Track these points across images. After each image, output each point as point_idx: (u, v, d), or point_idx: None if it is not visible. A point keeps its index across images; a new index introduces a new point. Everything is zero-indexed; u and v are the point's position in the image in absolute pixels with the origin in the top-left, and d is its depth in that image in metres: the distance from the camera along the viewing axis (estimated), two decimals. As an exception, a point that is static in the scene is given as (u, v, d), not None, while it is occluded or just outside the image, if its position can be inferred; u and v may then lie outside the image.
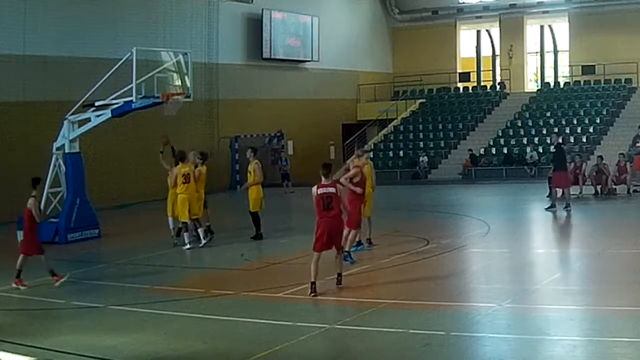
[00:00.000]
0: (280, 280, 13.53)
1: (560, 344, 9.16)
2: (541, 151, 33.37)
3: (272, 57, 36.06)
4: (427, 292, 12.28)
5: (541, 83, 42.13)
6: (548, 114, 37.09)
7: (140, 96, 19.01)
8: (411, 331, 9.94)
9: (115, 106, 19.34)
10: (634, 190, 25.32)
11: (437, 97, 41.76)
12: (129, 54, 19.02)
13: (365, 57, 41.91)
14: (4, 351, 9.58)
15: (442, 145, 37.30)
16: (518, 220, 21.65)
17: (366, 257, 15.11)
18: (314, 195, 12.32)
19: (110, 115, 19.51)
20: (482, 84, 42.66)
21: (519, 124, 37.13)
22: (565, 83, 40.35)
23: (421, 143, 37.75)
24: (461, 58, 43.67)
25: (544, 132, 35.20)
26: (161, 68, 20.17)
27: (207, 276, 14.82)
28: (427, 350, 9.20)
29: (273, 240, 18.24)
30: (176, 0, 30.85)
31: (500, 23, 41.45)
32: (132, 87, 18.81)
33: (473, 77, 42.82)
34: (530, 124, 36.84)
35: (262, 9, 35.25)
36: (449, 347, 9.34)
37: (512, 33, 41.11)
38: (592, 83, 38.71)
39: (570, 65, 40.12)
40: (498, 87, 41.39)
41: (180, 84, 20.53)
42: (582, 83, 39.15)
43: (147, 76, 19.23)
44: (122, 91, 19.22)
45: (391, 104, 40.71)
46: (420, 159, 35.33)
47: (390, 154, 37.15)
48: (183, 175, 17.49)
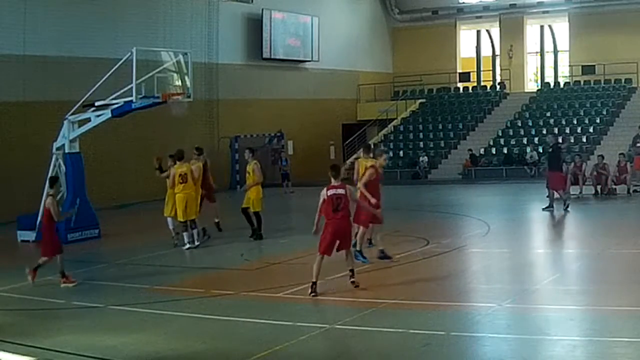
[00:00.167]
0: (280, 280, 13.53)
1: (560, 344, 9.16)
2: (541, 151, 33.35)
3: (272, 57, 36.07)
4: (427, 292, 12.28)
5: (541, 83, 42.12)
6: (548, 114, 37.11)
7: (140, 96, 19.00)
8: (411, 331, 9.94)
9: (115, 106, 19.33)
10: (634, 190, 25.34)
11: (437, 97, 41.76)
12: (129, 54, 19.01)
13: (365, 57, 41.90)
14: (4, 351, 9.57)
15: (442, 145, 37.32)
16: (518, 220, 21.66)
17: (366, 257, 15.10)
18: (323, 196, 12.08)
19: (110, 115, 19.50)
20: (482, 84, 42.65)
21: (519, 124, 37.15)
22: (565, 83, 40.36)
23: (421, 143, 37.79)
24: (461, 58, 43.68)
25: (544, 132, 35.16)
26: (161, 68, 20.16)
27: (207, 276, 14.81)
28: (427, 350, 9.20)
29: (273, 240, 18.24)
30: (176, 0, 30.86)
31: (500, 23, 41.45)
32: (132, 87, 18.80)
33: (473, 77, 42.82)
34: (530, 124, 36.86)
35: (262, 9, 35.25)
36: (449, 347, 9.34)
37: (512, 33, 41.11)
38: (592, 83, 38.72)
39: (570, 65, 40.13)
40: (498, 87, 41.39)
41: (180, 84, 20.53)
42: (582, 83, 39.15)
43: (147, 76, 19.23)
44: (122, 91, 19.22)
45: (391, 104, 40.71)
46: (420, 159, 35.36)
47: (390, 154, 37.10)
48: (180, 175, 17.48)
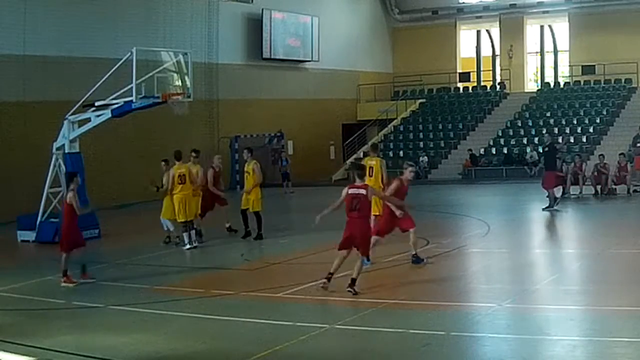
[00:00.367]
0: (280, 280, 13.53)
1: (560, 344, 9.16)
2: (541, 151, 33.33)
3: (272, 57, 36.07)
4: (427, 292, 12.28)
5: (541, 83, 42.12)
6: (548, 114, 37.11)
7: (140, 96, 19.00)
8: (411, 331, 9.94)
9: (115, 106, 19.32)
10: (634, 190, 25.34)
11: (437, 97, 41.76)
12: (129, 54, 19.01)
13: (365, 57, 41.90)
14: (4, 351, 9.57)
15: (442, 145, 37.32)
16: (518, 220, 21.66)
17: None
18: (343, 195, 12.13)
19: (110, 115, 19.49)
20: (482, 84, 42.65)
21: (519, 124, 37.15)
22: (565, 83, 40.36)
23: (421, 143, 37.79)
24: (461, 58, 43.67)
25: (544, 132, 35.07)
26: (161, 68, 20.16)
27: (207, 276, 14.80)
28: (427, 350, 9.20)
29: (273, 240, 18.24)
30: (176, 0, 30.86)
31: (500, 23, 41.45)
32: (132, 87, 18.80)
33: (473, 77, 42.81)
34: (530, 124, 36.87)
35: (262, 9, 35.25)
36: (449, 347, 9.34)
37: (512, 33, 41.11)
38: (592, 83, 38.73)
39: (570, 65, 40.13)
40: (498, 87, 41.39)
41: (180, 84, 20.52)
42: (582, 83, 39.16)
43: (147, 76, 19.22)
44: (122, 91, 19.21)
45: (391, 104, 40.71)
46: (420, 159, 35.34)
47: (391, 154, 37.13)
48: (179, 175, 17.48)
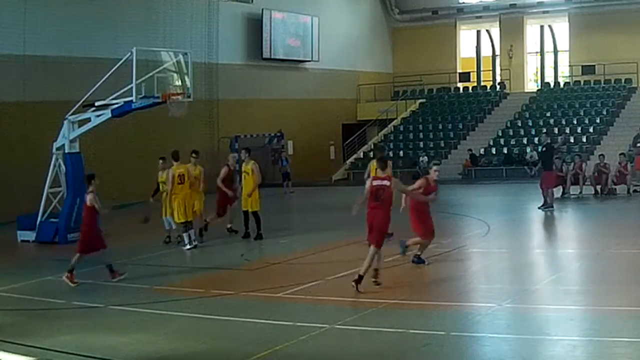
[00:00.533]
0: (280, 280, 13.52)
1: (560, 344, 9.16)
2: (539, 151, 33.38)
3: (272, 57, 36.07)
4: (427, 292, 12.29)
5: (541, 83, 42.12)
6: (548, 114, 37.11)
7: (140, 96, 19.00)
8: (411, 331, 9.93)
9: (115, 106, 19.32)
10: (634, 190, 25.34)
11: (437, 97, 41.76)
12: (129, 54, 19.01)
13: (365, 57, 41.90)
14: (4, 351, 9.57)
15: (442, 145, 37.32)
16: (518, 220, 21.66)
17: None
18: (367, 187, 12.32)
19: (110, 115, 19.50)
20: (482, 84, 42.65)
21: (519, 124, 37.15)
22: (565, 83, 40.36)
23: (421, 143, 37.79)
24: (461, 58, 43.67)
25: (544, 132, 35.13)
26: (161, 68, 20.16)
27: (207, 276, 14.80)
28: (427, 350, 9.20)
29: (273, 240, 18.24)
30: (176, 0, 30.86)
31: (500, 23, 41.45)
32: (132, 87, 18.80)
33: (473, 77, 42.82)
34: (530, 124, 36.86)
35: (262, 9, 35.25)
36: (449, 347, 9.33)
37: (512, 33, 41.11)
38: (592, 83, 38.72)
39: (570, 65, 40.13)
40: (498, 87, 41.39)
41: (180, 84, 20.53)
42: (582, 83, 39.15)
43: (147, 76, 19.23)
44: (122, 91, 19.21)
45: (391, 104, 40.71)
46: (420, 159, 35.31)
47: (390, 154, 37.11)
48: (179, 175, 17.48)
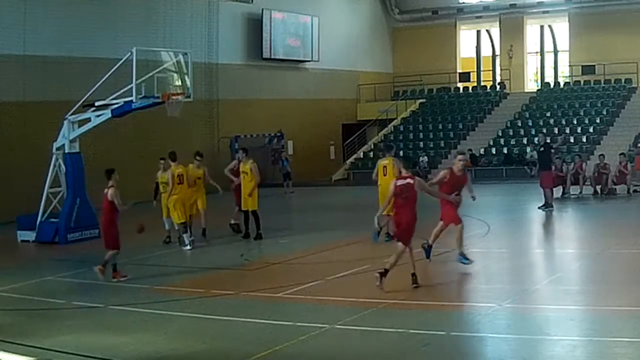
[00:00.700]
0: (280, 280, 13.52)
1: (560, 344, 9.16)
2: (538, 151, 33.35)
3: (272, 57, 36.07)
4: (427, 292, 12.27)
5: (541, 83, 42.11)
6: (548, 114, 37.10)
7: (140, 96, 19.00)
8: (411, 331, 9.93)
9: (115, 106, 19.32)
10: (634, 190, 25.33)
11: (437, 97, 41.75)
12: (129, 54, 19.01)
13: (365, 57, 41.90)
14: (4, 351, 9.57)
15: (442, 145, 37.31)
16: (518, 220, 21.66)
17: (366, 257, 15.09)
18: (392, 189, 12.45)
19: (110, 115, 19.50)
20: (482, 84, 42.64)
21: (519, 124, 37.14)
22: (565, 83, 40.35)
23: (421, 143, 37.78)
24: (461, 58, 43.66)
25: (544, 132, 35.10)
26: (161, 68, 20.16)
27: (207, 276, 14.79)
28: (427, 350, 9.19)
29: (273, 240, 18.24)
30: (176, 0, 30.86)
31: (500, 23, 41.44)
32: (132, 87, 18.80)
33: (473, 77, 42.80)
34: (530, 124, 36.85)
35: (262, 9, 35.25)
36: (449, 347, 9.33)
37: (512, 33, 41.10)
38: (592, 83, 38.71)
39: (570, 65, 40.12)
40: (498, 87, 41.38)
41: (180, 84, 20.53)
42: (582, 83, 39.14)
43: (147, 76, 19.22)
44: (122, 91, 19.21)
45: (391, 104, 40.70)
46: (420, 159, 35.30)
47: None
48: (178, 175, 17.48)
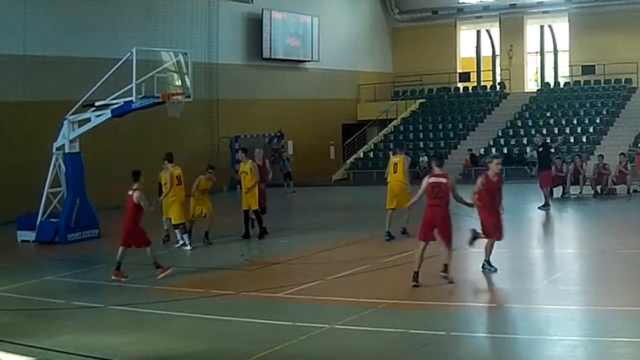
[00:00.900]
0: (280, 280, 13.53)
1: (560, 344, 9.16)
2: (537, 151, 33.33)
3: (272, 57, 36.04)
4: (427, 292, 12.27)
5: (541, 83, 42.08)
6: (548, 114, 37.10)
7: (140, 96, 18.98)
8: (411, 331, 9.94)
9: (115, 106, 19.31)
10: (634, 190, 25.33)
11: (437, 97, 41.74)
12: (129, 54, 19.00)
13: (365, 57, 41.88)
14: (4, 351, 9.57)
15: (442, 145, 37.29)
16: (518, 220, 21.56)
17: (366, 257, 15.10)
18: (424, 185, 12.72)
19: (110, 115, 19.49)
20: (482, 84, 42.60)
21: (519, 124, 37.14)
22: (565, 83, 40.33)
23: (421, 143, 37.76)
24: (461, 58, 43.62)
25: (544, 132, 35.14)
26: (161, 68, 20.14)
27: (207, 276, 14.79)
28: (427, 350, 9.20)
29: (273, 240, 18.24)
30: (176, 0, 30.85)
31: (500, 23, 41.41)
32: (132, 87, 18.79)
33: (473, 77, 42.76)
34: (530, 124, 36.84)
35: (262, 9, 35.23)
36: (449, 347, 9.34)
37: (512, 33, 41.08)
38: (592, 83, 38.69)
39: (570, 65, 40.09)
40: (498, 87, 41.36)
41: (180, 84, 20.52)
42: (582, 83, 39.13)
43: (147, 76, 19.21)
44: (122, 91, 19.20)
45: (391, 104, 40.69)
46: (420, 159, 35.27)
47: (391, 154, 37.02)
48: (177, 177, 17.49)
